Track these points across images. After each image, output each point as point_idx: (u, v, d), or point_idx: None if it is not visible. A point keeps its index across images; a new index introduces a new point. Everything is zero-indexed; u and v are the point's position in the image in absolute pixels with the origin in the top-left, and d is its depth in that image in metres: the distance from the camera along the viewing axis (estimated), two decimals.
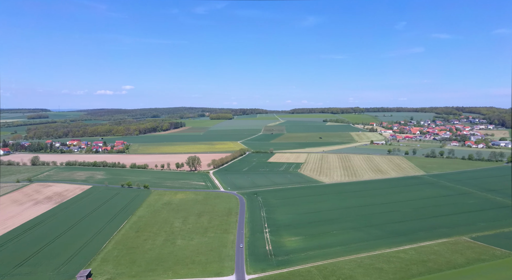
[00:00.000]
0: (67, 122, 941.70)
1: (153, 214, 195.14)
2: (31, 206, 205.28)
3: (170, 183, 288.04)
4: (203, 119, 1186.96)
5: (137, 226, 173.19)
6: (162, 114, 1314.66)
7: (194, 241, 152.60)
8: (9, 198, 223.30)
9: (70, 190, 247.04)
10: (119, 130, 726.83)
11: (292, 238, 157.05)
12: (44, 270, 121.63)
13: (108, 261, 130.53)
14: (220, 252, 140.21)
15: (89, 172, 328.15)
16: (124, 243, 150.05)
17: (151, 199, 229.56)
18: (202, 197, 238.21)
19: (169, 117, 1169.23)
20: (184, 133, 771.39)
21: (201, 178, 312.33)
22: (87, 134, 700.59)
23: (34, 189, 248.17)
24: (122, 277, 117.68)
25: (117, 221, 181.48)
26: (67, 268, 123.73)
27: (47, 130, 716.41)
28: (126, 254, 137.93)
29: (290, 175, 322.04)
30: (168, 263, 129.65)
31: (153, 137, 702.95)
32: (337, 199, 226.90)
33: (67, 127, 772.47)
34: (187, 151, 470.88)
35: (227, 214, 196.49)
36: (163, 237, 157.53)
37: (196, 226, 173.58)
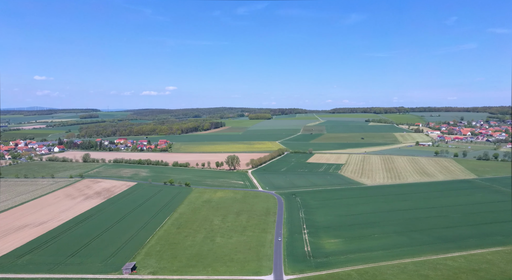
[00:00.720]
0: (115, 122, 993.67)
1: (194, 212, 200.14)
2: (82, 201, 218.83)
3: (210, 181, 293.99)
4: (242, 119, 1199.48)
5: (179, 223, 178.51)
6: (203, 114, 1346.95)
7: (233, 239, 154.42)
8: (63, 193, 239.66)
9: (117, 186, 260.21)
10: (162, 130, 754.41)
11: (332, 240, 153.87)
12: (93, 262, 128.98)
13: (151, 256, 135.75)
14: (258, 252, 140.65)
15: (135, 169, 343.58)
16: (166, 238, 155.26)
17: (192, 197, 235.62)
18: (240, 196, 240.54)
19: (210, 117, 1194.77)
20: (224, 133, 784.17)
21: (240, 177, 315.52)
22: (133, 133, 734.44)
23: (85, 185, 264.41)
24: (164, 272, 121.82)
25: (160, 217, 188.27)
26: (113, 260, 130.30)
27: (97, 129, 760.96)
28: (168, 249, 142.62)
29: (330, 176, 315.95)
30: (207, 260, 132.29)
31: (194, 136, 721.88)
32: (379, 202, 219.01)
33: (115, 126, 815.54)
34: (227, 151, 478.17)
35: (265, 213, 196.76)
36: (203, 234, 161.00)
37: (235, 225, 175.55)
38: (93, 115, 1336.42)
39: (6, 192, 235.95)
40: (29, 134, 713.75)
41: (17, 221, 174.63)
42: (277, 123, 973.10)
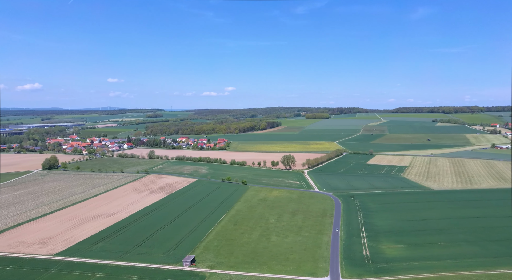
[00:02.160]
0: (178, 121, 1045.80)
1: (250, 209, 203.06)
2: (147, 195, 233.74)
3: (266, 180, 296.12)
4: (298, 118, 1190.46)
5: (235, 220, 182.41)
6: (260, 114, 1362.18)
7: (288, 239, 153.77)
8: (131, 187, 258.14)
9: (178, 182, 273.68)
10: (221, 129, 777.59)
11: (393, 245, 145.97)
12: (157, 252, 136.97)
13: (209, 250, 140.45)
14: (314, 253, 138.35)
15: (195, 166, 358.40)
16: (224, 234, 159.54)
17: (248, 195, 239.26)
18: (296, 196, 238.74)
19: (266, 116, 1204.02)
20: (280, 132, 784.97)
21: (296, 177, 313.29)
22: (194, 132, 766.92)
23: (150, 180, 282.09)
24: (221, 266, 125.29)
25: (218, 213, 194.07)
26: (175, 252, 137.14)
27: (161, 128, 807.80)
28: (225, 245, 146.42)
29: (392, 179, 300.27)
30: (263, 257, 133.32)
31: (251, 135, 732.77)
32: (447, 208, 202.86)
33: (177, 126, 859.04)
34: (282, 150, 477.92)
35: (322, 215, 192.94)
36: (259, 232, 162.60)
37: (290, 224, 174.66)
38: (158, 114, 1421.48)
39: (83, 185, 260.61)
40: (102, 132, 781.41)
41: (92, 211, 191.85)
42: (335, 123, 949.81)
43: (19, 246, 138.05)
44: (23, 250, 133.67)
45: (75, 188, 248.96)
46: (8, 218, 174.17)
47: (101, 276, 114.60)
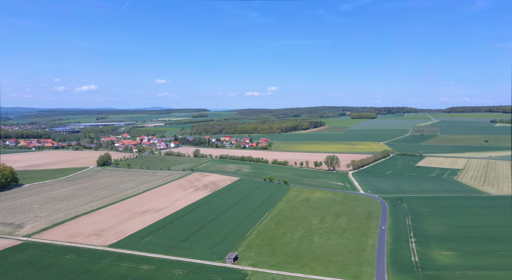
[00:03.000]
0: (221, 121, 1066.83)
1: (292, 209, 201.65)
2: (192, 192, 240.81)
3: (308, 180, 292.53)
4: (343, 118, 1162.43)
5: (277, 219, 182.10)
6: (302, 114, 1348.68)
7: (332, 241, 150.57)
8: (177, 184, 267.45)
9: (222, 180, 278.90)
10: (263, 128, 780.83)
11: (444, 252, 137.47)
12: (201, 248, 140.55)
13: (251, 249, 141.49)
14: (359, 256, 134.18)
15: (237, 165, 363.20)
16: (265, 233, 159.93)
17: (290, 195, 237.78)
18: (340, 197, 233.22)
19: (309, 116, 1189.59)
20: (323, 132, 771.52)
21: (340, 178, 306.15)
22: (237, 132, 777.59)
23: (195, 178, 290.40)
24: (263, 265, 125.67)
25: (260, 212, 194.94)
26: (218, 249, 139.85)
27: (206, 128, 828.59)
28: (267, 244, 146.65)
29: (444, 182, 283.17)
30: (305, 258, 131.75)
31: (293, 135, 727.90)
32: (508, 215, 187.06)
33: (221, 125, 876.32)
34: (326, 150, 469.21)
35: (367, 217, 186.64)
36: (301, 233, 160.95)
37: (334, 226, 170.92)
38: (203, 114, 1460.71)
39: (133, 181, 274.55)
40: (151, 131, 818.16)
41: (141, 206, 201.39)
42: (382, 123, 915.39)
43: (76, 236, 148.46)
44: (80, 241, 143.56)
45: (125, 184, 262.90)
46: (67, 210, 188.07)
47: (149, 268, 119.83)
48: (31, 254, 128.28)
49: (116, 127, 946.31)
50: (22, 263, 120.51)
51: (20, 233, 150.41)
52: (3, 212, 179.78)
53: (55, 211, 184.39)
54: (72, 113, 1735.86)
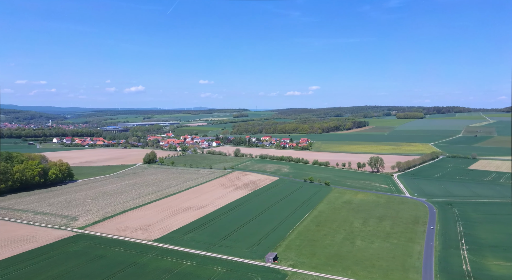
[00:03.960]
0: (262, 120, 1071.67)
1: (333, 211, 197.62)
2: (233, 190, 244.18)
3: (350, 182, 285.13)
4: (388, 118, 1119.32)
5: (318, 221, 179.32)
6: (345, 113, 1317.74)
7: (375, 245, 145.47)
8: (218, 182, 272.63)
9: (261, 180, 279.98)
10: (304, 128, 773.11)
11: (501, 262, 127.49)
12: (241, 246, 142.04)
13: (291, 249, 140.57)
14: (404, 261, 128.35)
15: (277, 165, 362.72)
16: (306, 234, 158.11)
17: (331, 196, 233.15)
18: (384, 200, 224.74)
19: (352, 116, 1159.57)
20: (367, 133, 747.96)
21: (384, 181, 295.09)
22: (277, 131, 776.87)
23: (235, 176, 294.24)
24: (303, 266, 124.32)
25: (300, 213, 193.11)
26: (258, 248, 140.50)
27: (246, 127, 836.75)
28: (307, 245, 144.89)
29: (501, 187, 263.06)
30: (347, 261, 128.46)
31: (335, 135, 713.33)
32: None
33: (261, 125, 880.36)
34: (369, 151, 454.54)
35: (413, 222, 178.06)
36: (342, 235, 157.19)
37: (377, 230, 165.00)
38: (243, 114, 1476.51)
39: (177, 178, 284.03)
40: (194, 130, 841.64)
41: (184, 203, 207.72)
42: (430, 123, 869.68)
43: (124, 230, 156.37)
44: (127, 234, 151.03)
45: (170, 181, 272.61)
46: (116, 205, 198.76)
47: (191, 264, 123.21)
48: (84, 245, 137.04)
49: (162, 126, 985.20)
50: (76, 253, 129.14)
51: (74, 225, 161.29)
52: (60, 205, 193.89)
53: (105, 206, 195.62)
54: (121, 112, 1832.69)
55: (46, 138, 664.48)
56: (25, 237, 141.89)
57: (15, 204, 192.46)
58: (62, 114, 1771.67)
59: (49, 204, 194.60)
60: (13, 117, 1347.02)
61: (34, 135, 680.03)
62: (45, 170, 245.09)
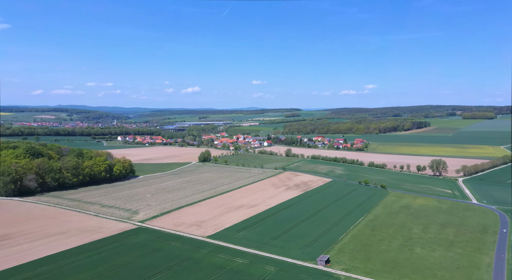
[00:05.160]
0: (314, 120, 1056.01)
1: (389, 216, 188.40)
2: (284, 190, 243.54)
3: (409, 186, 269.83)
4: (452, 118, 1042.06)
5: (373, 225, 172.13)
6: (404, 113, 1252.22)
7: (436, 253, 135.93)
8: (269, 182, 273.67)
9: (313, 181, 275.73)
10: (359, 129, 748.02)
11: None
12: (292, 247, 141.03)
13: (344, 253, 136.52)
14: (470, 273, 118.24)
15: (330, 166, 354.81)
16: (360, 238, 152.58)
17: (388, 200, 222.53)
18: (447, 206, 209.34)
19: (412, 116, 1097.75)
20: (428, 134, 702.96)
21: (447, 185, 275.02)
22: (330, 131, 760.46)
23: (286, 177, 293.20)
24: (357, 271, 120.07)
25: (353, 216, 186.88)
26: (309, 250, 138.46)
27: (298, 127, 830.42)
28: (361, 249, 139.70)
29: None
30: (404, 269, 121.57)
31: (392, 136, 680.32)
32: None
33: (313, 125, 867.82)
34: (431, 154, 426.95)
35: (481, 231, 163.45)
36: (400, 241, 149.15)
37: (439, 237, 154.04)
38: (295, 114, 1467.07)
39: (229, 177, 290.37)
40: (246, 130, 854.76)
41: (236, 201, 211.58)
42: (503, 124, 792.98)
43: (180, 225, 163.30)
44: (183, 230, 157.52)
45: (222, 179, 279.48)
46: (173, 201, 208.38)
47: (243, 262, 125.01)
48: (144, 238, 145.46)
49: (216, 126, 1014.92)
50: (137, 245, 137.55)
51: (136, 218, 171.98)
52: (123, 199, 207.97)
53: (163, 201, 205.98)
54: (178, 112, 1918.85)
55: (112, 136, 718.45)
56: (93, 228, 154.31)
57: (85, 197, 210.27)
58: (125, 114, 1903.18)
59: (113, 198, 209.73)
60: (84, 116, 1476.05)
61: (101, 133, 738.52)
62: (111, 166, 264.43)
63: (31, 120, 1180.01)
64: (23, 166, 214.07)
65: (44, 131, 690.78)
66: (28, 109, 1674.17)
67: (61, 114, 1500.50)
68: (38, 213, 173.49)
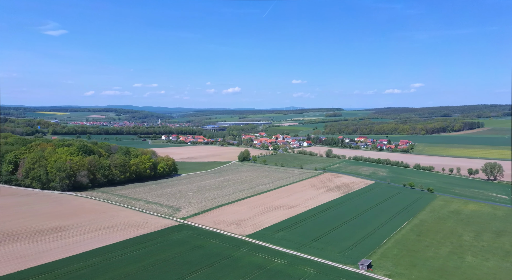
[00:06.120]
0: (356, 120, 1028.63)
1: (437, 221, 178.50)
2: (324, 192, 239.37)
3: (459, 190, 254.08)
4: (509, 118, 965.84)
5: (419, 230, 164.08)
6: (453, 113, 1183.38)
7: (490, 263, 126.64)
8: (309, 183, 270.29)
9: (355, 183, 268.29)
10: (404, 129, 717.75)
11: None
12: (332, 250, 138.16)
13: (387, 258, 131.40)
14: None
15: (373, 168, 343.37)
16: (404, 244, 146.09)
17: (435, 204, 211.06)
18: (503, 213, 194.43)
19: (463, 116, 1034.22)
20: (481, 135, 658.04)
21: (502, 190, 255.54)
22: (373, 132, 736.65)
23: (326, 178, 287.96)
24: (401, 277, 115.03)
25: (397, 220, 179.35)
26: (350, 254, 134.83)
27: (339, 127, 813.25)
28: (406, 255, 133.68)
29: None
30: (453, 278, 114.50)
31: (441, 137, 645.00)
32: None
33: (356, 125, 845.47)
34: (484, 156, 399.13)
35: None
36: (448, 249, 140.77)
37: (493, 246, 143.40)
38: (336, 114, 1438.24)
39: (268, 177, 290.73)
40: (285, 130, 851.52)
41: (275, 201, 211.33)
42: None
43: (220, 223, 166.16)
44: (223, 228, 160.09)
45: (261, 179, 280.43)
46: (214, 199, 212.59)
47: (282, 262, 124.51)
48: (186, 234, 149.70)
49: (255, 126, 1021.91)
50: (179, 241, 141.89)
51: (178, 215, 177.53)
52: (167, 196, 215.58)
53: (204, 199, 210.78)
54: (219, 112, 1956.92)
55: (156, 135, 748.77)
56: (138, 223, 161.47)
57: (131, 193, 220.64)
58: (169, 114, 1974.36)
59: (157, 195, 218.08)
60: (130, 116, 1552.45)
61: (147, 133, 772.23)
62: (155, 164, 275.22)
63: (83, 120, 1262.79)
64: (77, 163, 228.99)
65: (95, 130, 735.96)
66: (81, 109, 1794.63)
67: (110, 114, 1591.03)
68: (89, 207, 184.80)
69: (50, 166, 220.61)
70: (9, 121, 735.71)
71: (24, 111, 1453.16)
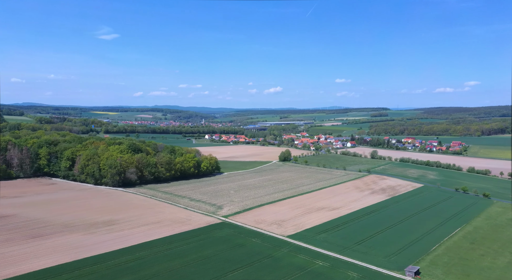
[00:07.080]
0: (404, 120, 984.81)
1: (494, 229, 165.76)
2: (368, 194, 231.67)
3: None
4: None
5: (472, 237, 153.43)
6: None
7: None
8: (353, 184, 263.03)
9: (402, 186, 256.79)
10: (456, 130, 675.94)
11: None
12: (377, 254, 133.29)
13: (437, 265, 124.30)
14: None
15: (421, 170, 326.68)
16: (456, 251, 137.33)
17: (492, 211, 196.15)
18: None
19: None
20: None
21: None
22: (422, 133, 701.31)
23: (371, 180, 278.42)
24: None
25: (448, 226, 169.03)
26: (396, 259, 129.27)
27: (385, 128, 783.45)
28: (458, 264, 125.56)
29: None
30: None
31: (499, 139, 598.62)
32: None
33: (403, 125, 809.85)
34: None
35: None
36: (507, 259, 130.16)
37: None
38: (382, 113, 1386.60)
39: (310, 177, 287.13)
40: (328, 130, 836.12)
41: (317, 203, 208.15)
42: None
43: (261, 223, 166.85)
44: (263, 227, 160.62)
45: (303, 179, 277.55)
46: (255, 198, 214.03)
47: (323, 265, 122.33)
48: (227, 232, 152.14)
49: (296, 125, 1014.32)
50: (221, 239, 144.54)
51: (220, 213, 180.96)
52: (209, 194, 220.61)
53: (245, 198, 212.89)
54: (260, 112, 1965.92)
55: (200, 134, 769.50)
56: (182, 220, 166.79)
57: (176, 191, 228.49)
58: (212, 114, 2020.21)
59: (201, 193, 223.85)
60: (176, 116, 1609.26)
61: (191, 132, 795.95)
62: (198, 163, 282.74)
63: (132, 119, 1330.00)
64: (126, 160, 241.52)
65: (143, 129, 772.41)
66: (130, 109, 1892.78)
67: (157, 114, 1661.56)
68: (137, 203, 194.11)
69: (102, 163, 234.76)
70: (67, 120, 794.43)
71: (80, 111, 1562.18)
